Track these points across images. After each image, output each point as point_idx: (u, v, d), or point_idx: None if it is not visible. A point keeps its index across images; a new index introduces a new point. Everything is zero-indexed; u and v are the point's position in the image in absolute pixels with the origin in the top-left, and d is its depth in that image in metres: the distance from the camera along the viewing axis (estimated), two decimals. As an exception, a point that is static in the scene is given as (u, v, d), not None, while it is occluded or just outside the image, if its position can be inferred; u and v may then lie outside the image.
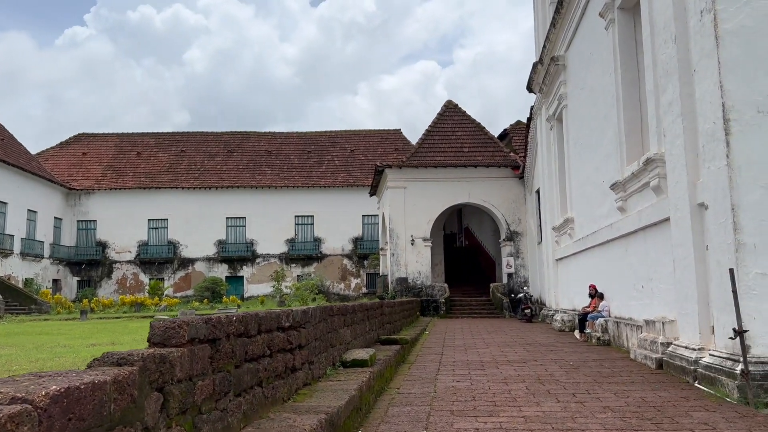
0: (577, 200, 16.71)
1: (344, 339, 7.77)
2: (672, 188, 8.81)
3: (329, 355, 6.78)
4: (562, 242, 18.94)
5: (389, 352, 9.09)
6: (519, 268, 27.46)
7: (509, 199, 27.63)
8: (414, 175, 27.57)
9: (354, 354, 7.44)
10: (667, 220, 9.44)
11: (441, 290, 27.29)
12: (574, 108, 16.70)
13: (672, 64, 8.56)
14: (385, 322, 12.15)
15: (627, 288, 12.02)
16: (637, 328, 10.89)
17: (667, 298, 9.66)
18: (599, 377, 8.41)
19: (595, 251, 14.82)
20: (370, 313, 10.21)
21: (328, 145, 46.07)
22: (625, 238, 12.03)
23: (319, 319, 6.41)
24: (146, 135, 47.51)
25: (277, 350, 4.83)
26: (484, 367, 9.64)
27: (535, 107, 22.86)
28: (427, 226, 27.52)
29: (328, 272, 41.70)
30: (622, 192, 11.85)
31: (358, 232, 42.47)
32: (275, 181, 42.65)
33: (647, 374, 8.59)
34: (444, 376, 8.76)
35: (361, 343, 8.99)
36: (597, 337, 13.04)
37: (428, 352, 12.04)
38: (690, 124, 8.22)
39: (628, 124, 11.80)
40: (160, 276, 41.54)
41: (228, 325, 3.82)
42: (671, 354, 8.63)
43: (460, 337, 15.63)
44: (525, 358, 10.72)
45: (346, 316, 8.01)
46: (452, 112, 30.34)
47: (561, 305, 19.76)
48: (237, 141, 46.26)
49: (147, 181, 42.96)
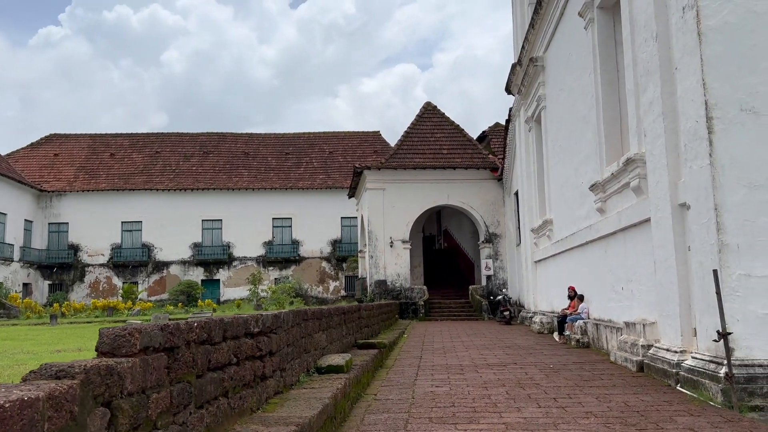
0: (556, 202, 16.64)
1: (319, 344, 7.49)
2: (653, 188, 8.70)
3: (303, 361, 6.50)
4: (541, 244, 18.87)
5: (366, 356, 8.83)
6: (498, 271, 27.39)
7: (488, 201, 27.56)
8: (393, 176, 27.35)
9: (329, 359, 7.17)
10: (647, 221, 9.33)
11: (420, 293, 27.09)
12: (553, 109, 16.64)
13: (653, 62, 8.46)
14: (362, 325, 11.88)
15: (606, 290, 11.92)
16: (617, 330, 10.78)
17: (648, 300, 9.55)
18: (580, 381, 8.25)
19: (574, 253, 14.74)
20: (347, 316, 9.93)
21: (307, 147, 45.60)
22: (604, 239, 11.93)
23: (292, 324, 6.12)
24: (120, 136, 46.56)
25: (245, 357, 4.54)
26: (464, 371, 9.43)
27: (513, 109, 22.81)
28: (406, 228, 27.32)
29: (307, 275, 41.23)
30: (602, 193, 11.75)
31: (337, 234, 42.09)
32: (252, 183, 42.07)
33: (628, 377, 8.45)
34: (423, 380, 8.52)
35: (337, 348, 8.71)
36: (576, 339, 12.93)
37: (407, 355, 11.80)
38: (671, 123, 8.12)
39: (608, 124, 11.71)
40: (134, 280, 40.68)
41: (188, 332, 3.52)
42: (652, 357, 8.51)
43: (439, 340, 15.42)
44: (504, 362, 10.54)
45: (322, 320, 7.74)
46: (431, 113, 30.20)
47: (540, 307, 19.69)
48: (213, 142, 45.54)
49: (120, 183, 42.09)
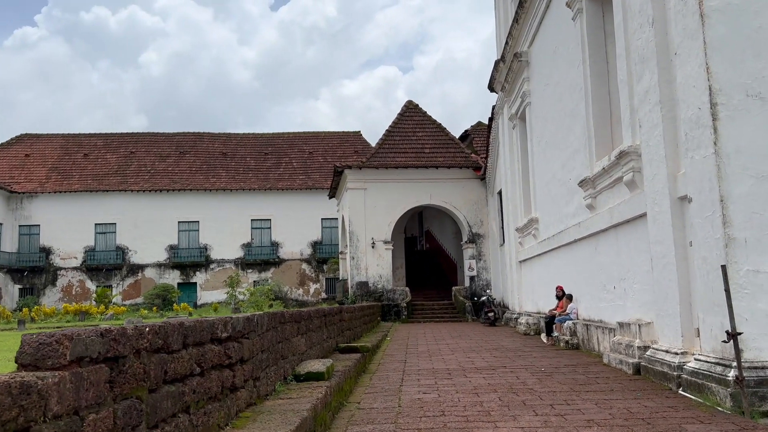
0: (542, 200, 16.25)
1: (298, 349, 6.92)
2: (649, 182, 8.29)
3: (280, 369, 5.94)
4: (526, 243, 18.48)
5: (349, 361, 8.28)
6: (481, 271, 27.00)
7: (471, 200, 27.17)
8: (374, 176, 26.81)
9: (309, 366, 6.61)
10: (642, 217, 8.93)
11: (402, 294, 26.58)
12: (539, 105, 16.26)
13: (649, 49, 8.06)
14: (344, 328, 11.32)
15: (596, 289, 11.52)
16: (609, 331, 10.37)
17: (643, 299, 9.15)
18: (575, 385, 7.80)
19: (561, 252, 14.35)
20: (327, 319, 9.37)
21: (286, 147, 44.80)
22: (594, 236, 11.53)
23: (267, 328, 5.56)
24: (94, 136, 45.32)
25: (210, 367, 3.97)
26: (452, 376, 8.93)
27: (496, 106, 22.44)
28: (388, 229, 26.80)
29: (286, 277, 40.45)
30: (591, 189, 11.36)
31: (318, 235, 41.39)
32: (230, 184, 41.16)
33: (625, 381, 8.02)
34: (409, 387, 8.00)
35: (317, 353, 8.15)
36: (565, 340, 12.51)
37: (391, 359, 11.27)
38: (669, 112, 7.72)
39: (598, 117, 11.32)
40: (108, 283, 39.53)
41: (137, 339, 2.95)
42: (650, 359, 8.09)
43: (424, 342, 14.92)
44: (493, 365, 10.07)
45: (301, 324, 7.17)
46: (413, 112, 29.73)
47: (525, 308, 19.30)
48: (190, 142, 44.50)
49: (94, 184, 40.91)
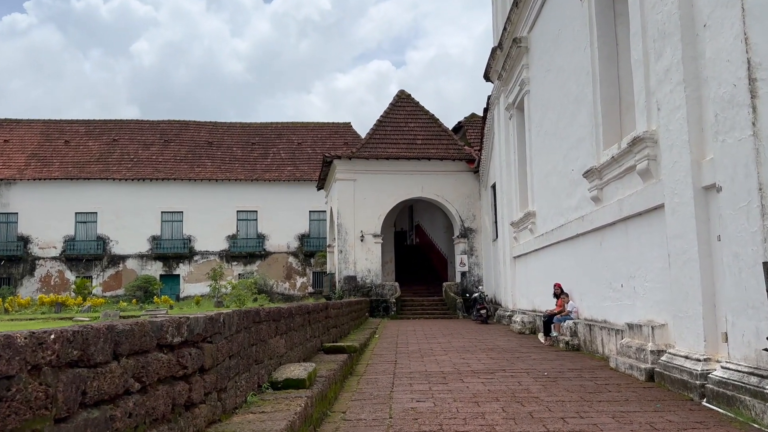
0: (540, 193, 15.49)
1: (276, 351, 6.09)
2: (668, 170, 7.52)
3: (253, 375, 5.10)
4: (522, 238, 17.73)
5: (334, 364, 7.46)
6: (473, 267, 26.25)
7: (464, 194, 26.39)
8: (364, 167, 25.94)
9: (288, 371, 5.78)
10: (657, 209, 8.18)
11: (391, 290, 25.77)
12: (538, 93, 15.48)
13: (671, 22, 7.28)
14: (330, 326, 10.50)
15: (601, 287, 10.78)
16: (616, 332, 9.63)
17: (655, 299, 8.41)
18: (585, 393, 7.03)
19: (560, 247, 13.61)
20: (312, 316, 8.54)
21: (274, 137, 43.72)
22: (599, 231, 10.78)
23: (238, 329, 4.72)
24: (75, 122, 43.97)
25: (157, 380, 3.13)
26: (447, 380, 8.13)
27: (492, 96, 21.64)
28: (377, 222, 25.96)
29: (272, 271, 39.50)
30: (598, 180, 10.59)
31: (305, 228, 40.45)
32: (216, 174, 40.06)
33: (638, 389, 7.27)
34: (400, 393, 7.19)
35: (299, 354, 7.32)
36: (565, 341, 11.77)
37: (380, 360, 10.47)
38: (694, 92, 6.96)
39: (606, 103, 10.55)
40: (88, 274, 38.35)
41: (34, 351, 2.10)
42: (666, 365, 7.34)
43: (414, 341, 14.13)
44: (491, 368, 9.29)
45: (280, 323, 6.33)
46: (405, 102, 28.85)
47: (519, 305, 18.59)
48: (175, 130, 43.28)
49: (75, 172, 39.64)
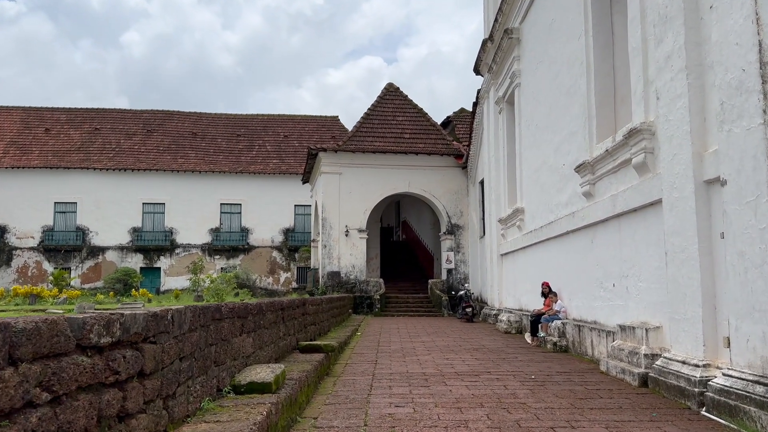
0: (529, 188, 15.06)
1: (242, 351, 5.56)
2: (667, 163, 7.09)
3: (211, 379, 4.58)
4: (510, 235, 17.31)
5: (308, 365, 6.94)
6: (459, 264, 25.82)
7: (451, 190, 25.93)
8: (350, 160, 25.39)
9: (254, 373, 5.26)
10: (654, 204, 7.76)
11: (376, 286, 25.28)
12: (529, 85, 15.03)
13: (674, 6, 6.83)
14: (308, 323, 9.97)
15: (591, 286, 10.35)
16: (607, 334, 9.21)
17: (650, 299, 7.99)
18: (575, 399, 6.58)
19: (550, 244, 13.18)
20: (286, 313, 8.01)
21: (260, 130, 42.96)
22: (591, 228, 10.35)
23: (193, 327, 4.19)
24: (56, 110, 42.91)
25: (77, 389, 2.61)
26: (429, 383, 7.65)
27: (482, 90, 21.18)
28: (363, 216, 25.43)
29: (256, 265, 38.83)
30: (590, 174, 10.16)
31: (290, 222, 39.81)
32: (199, 165, 39.26)
33: (632, 395, 6.84)
34: (378, 397, 6.70)
35: (270, 354, 6.80)
36: (553, 342, 11.35)
37: (359, 359, 9.97)
38: (697, 79, 6.52)
39: (601, 95, 10.11)
40: (67, 265, 37.44)
41: None
42: (661, 370, 6.91)
43: (397, 339, 13.65)
44: (476, 369, 8.83)
45: (247, 320, 5.80)
46: (393, 95, 28.31)
47: (505, 304, 18.18)
48: (158, 120, 42.37)
49: (55, 160, 38.67)
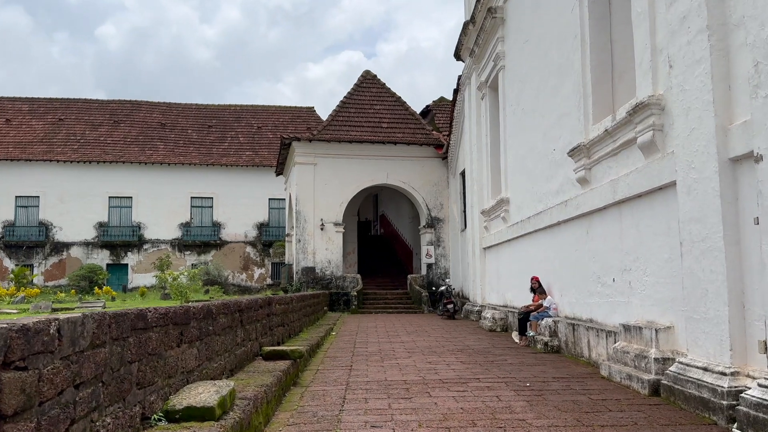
0: (515, 177, 14.16)
1: (181, 366, 4.50)
2: (682, 140, 6.18)
3: (131, 407, 3.52)
4: (493, 228, 16.42)
5: (269, 377, 5.90)
6: (440, 258, 24.91)
7: (431, 181, 24.98)
8: (326, 150, 24.27)
9: (193, 394, 4.20)
10: (664, 189, 6.87)
11: (353, 282, 24.25)
12: (515, 67, 14.11)
13: (692, -43, 5.91)
14: (274, 325, 8.91)
15: (587, 281, 9.47)
16: (607, 334, 8.33)
17: (658, 296, 7.10)
18: (581, 413, 5.66)
19: (538, 236, 12.30)
20: (246, 315, 6.94)
21: (232, 120, 41.47)
22: (586, 217, 9.46)
23: (98, 342, 3.12)
24: (18, 100, 40.90)
25: None
26: (411, 393, 6.67)
27: (463, 76, 20.24)
28: (339, 209, 24.35)
29: (229, 261, 37.49)
30: (586, 158, 9.26)
31: (264, 217, 38.50)
32: (168, 157, 37.68)
33: (644, 406, 5.94)
34: (352, 413, 5.69)
35: (223, 365, 5.74)
36: (544, 341, 10.46)
37: (333, 365, 8.95)
38: (720, 41, 5.62)
39: (597, 70, 9.21)
40: (29, 262, 35.67)
41: None
42: (677, 377, 6.02)
43: (375, 339, 12.66)
44: (463, 376, 7.87)
45: (188, 326, 4.73)
46: (370, 83, 27.21)
47: (488, 300, 17.31)
48: (125, 110, 40.60)
49: (16, 152, 36.79)
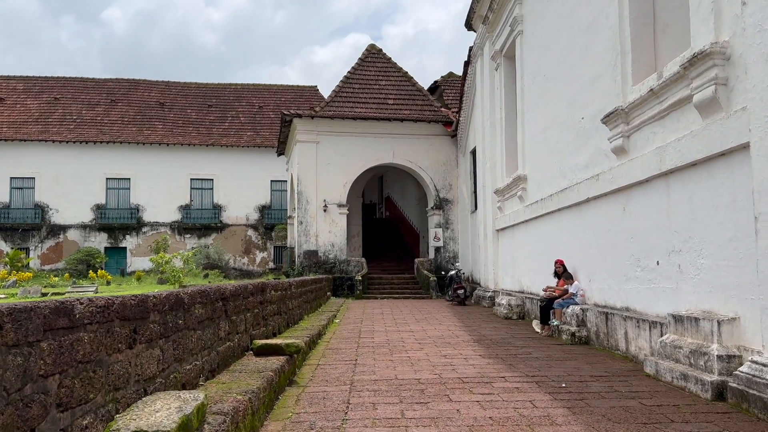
0: (535, 152, 13.02)
1: (135, 374, 3.46)
2: (760, 92, 5.05)
3: None
4: (508, 208, 15.31)
5: (256, 380, 4.85)
6: (448, 242, 23.83)
7: (439, 161, 23.82)
8: (329, 127, 23.10)
9: (147, 411, 3.16)
10: (727, 155, 5.76)
11: (358, 266, 23.22)
12: (535, 30, 12.90)
13: None
14: (268, 314, 7.87)
15: (623, 265, 8.38)
16: (651, 325, 7.25)
17: (719, 281, 6.02)
18: (636, 425, 4.62)
19: (561, 215, 11.19)
20: (231, 304, 5.89)
21: (233, 100, 40.22)
22: (622, 192, 8.35)
23: None
24: (12, 78, 39.72)
25: None
26: (427, 398, 5.63)
27: (475, 47, 18.99)
28: (343, 190, 23.25)
29: (230, 244, 36.49)
30: (624, 125, 8.12)
31: (266, 199, 37.43)
32: (167, 138, 36.53)
33: (712, 415, 4.90)
34: (358, 426, 4.66)
35: (200, 367, 4.70)
36: (570, 332, 9.40)
37: (335, 358, 7.92)
38: (820, -37, 4.45)
39: (636, 23, 8.03)
40: (25, 245, 34.77)
41: None
42: (751, 379, 4.96)
43: (382, 328, 11.63)
44: (485, 373, 6.83)
45: (146, 321, 3.68)
46: (375, 57, 25.93)
47: (502, 285, 16.27)
48: (123, 89, 39.40)
49: (11, 132, 35.73)
